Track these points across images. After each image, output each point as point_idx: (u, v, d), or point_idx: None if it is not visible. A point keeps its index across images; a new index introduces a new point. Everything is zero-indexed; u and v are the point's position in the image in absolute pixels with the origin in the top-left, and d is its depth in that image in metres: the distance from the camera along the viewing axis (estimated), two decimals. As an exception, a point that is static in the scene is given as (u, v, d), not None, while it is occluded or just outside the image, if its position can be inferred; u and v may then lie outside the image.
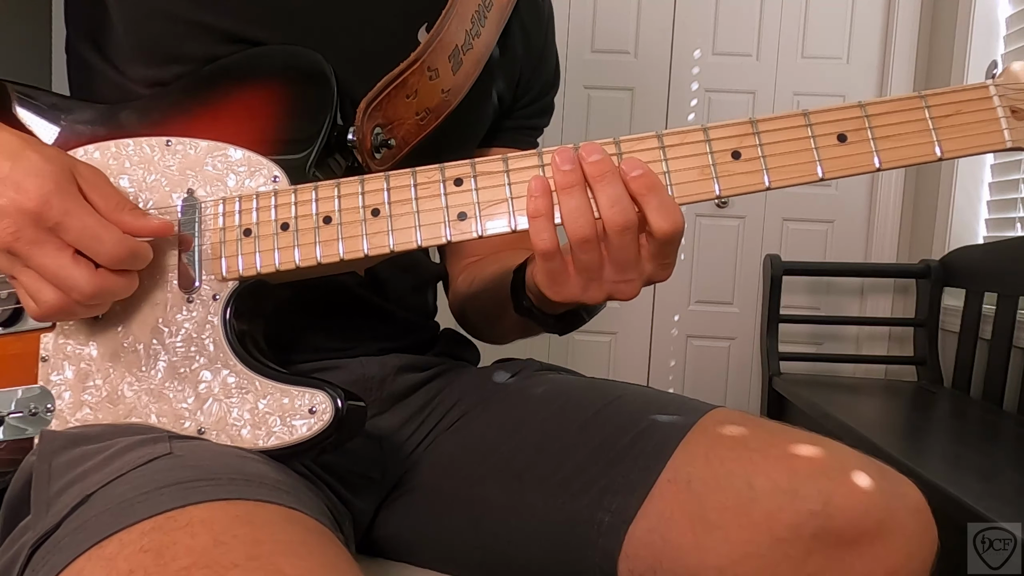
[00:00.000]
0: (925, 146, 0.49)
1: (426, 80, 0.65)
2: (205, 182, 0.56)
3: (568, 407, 0.65)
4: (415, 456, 0.69)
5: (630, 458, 0.58)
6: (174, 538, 0.39)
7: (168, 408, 0.53)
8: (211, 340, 0.53)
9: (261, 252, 0.54)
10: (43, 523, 0.44)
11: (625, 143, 0.51)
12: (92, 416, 0.53)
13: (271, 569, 0.38)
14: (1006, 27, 2.04)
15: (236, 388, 0.52)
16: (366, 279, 0.67)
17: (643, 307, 2.50)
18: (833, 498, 0.52)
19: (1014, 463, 1.34)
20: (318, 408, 0.51)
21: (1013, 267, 1.73)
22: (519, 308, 0.64)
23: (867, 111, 0.50)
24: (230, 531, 0.40)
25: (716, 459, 0.56)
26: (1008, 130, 0.49)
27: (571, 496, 0.59)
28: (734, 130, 0.51)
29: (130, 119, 0.60)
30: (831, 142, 0.50)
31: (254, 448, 0.51)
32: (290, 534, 0.42)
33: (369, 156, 0.62)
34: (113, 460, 0.47)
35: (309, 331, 0.66)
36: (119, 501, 0.42)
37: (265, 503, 0.44)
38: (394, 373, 0.70)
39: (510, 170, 0.52)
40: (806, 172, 0.50)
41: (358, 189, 0.53)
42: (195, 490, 0.43)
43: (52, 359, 0.55)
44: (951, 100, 0.49)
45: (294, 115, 0.58)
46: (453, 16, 0.67)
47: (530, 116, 0.83)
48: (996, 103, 0.49)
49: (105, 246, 0.48)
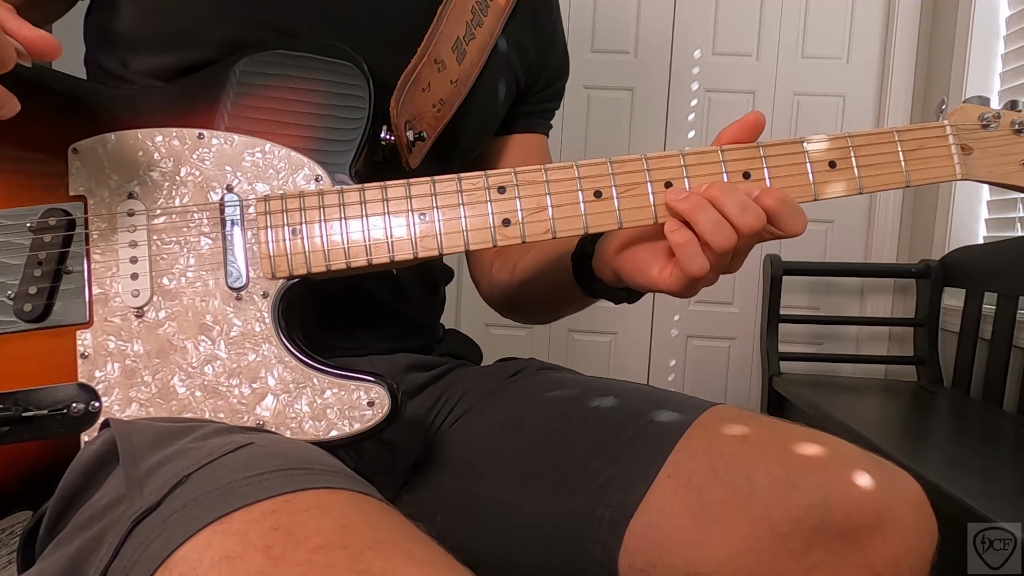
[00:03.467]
0: (897, 174, 0.59)
1: (436, 72, 0.67)
2: (244, 178, 0.56)
3: (568, 405, 0.66)
4: (421, 456, 0.70)
5: (630, 454, 0.59)
6: (300, 519, 0.40)
7: (224, 404, 0.54)
8: (263, 337, 0.55)
9: (312, 252, 0.55)
10: (141, 500, 0.43)
11: (651, 160, 0.57)
12: (143, 412, 0.54)
13: (402, 552, 0.39)
14: (1006, 27, 2.04)
15: (293, 383, 0.54)
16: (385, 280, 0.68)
17: (643, 307, 2.50)
18: (832, 492, 0.52)
19: (1014, 463, 1.34)
20: (376, 400, 0.54)
21: (1013, 267, 1.73)
22: (590, 291, 0.68)
23: (852, 142, 0.58)
24: (348, 516, 0.41)
25: (716, 454, 0.56)
26: (959, 165, 0.59)
27: (571, 492, 0.59)
28: (745, 153, 0.57)
29: (155, 107, 0.58)
30: (824, 167, 0.58)
31: (315, 440, 0.53)
32: (399, 524, 0.43)
33: (407, 150, 0.63)
34: (197, 446, 0.47)
35: (326, 329, 0.66)
36: (224, 483, 0.42)
37: (362, 494, 0.44)
38: (403, 372, 0.71)
39: (549, 180, 0.56)
40: (804, 193, 0.58)
41: (404, 193, 0.55)
42: (298, 477, 0.43)
43: (94, 356, 0.54)
44: (917, 136, 0.59)
45: (332, 112, 0.58)
46: (451, 8, 0.68)
47: (543, 100, 0.84)
48: (950, 141, 0.59)
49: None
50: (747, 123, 0.57)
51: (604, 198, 0.56)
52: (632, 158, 0.57)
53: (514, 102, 0.80)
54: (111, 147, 0.56)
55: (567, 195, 0.56)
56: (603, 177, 0.56)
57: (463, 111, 0.70)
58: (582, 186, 0.56)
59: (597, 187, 0.56)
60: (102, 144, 0.56)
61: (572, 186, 0.56)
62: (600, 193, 0.56)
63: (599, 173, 0.56)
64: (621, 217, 0.56)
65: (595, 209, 0.56)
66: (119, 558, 0.41)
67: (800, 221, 0.55)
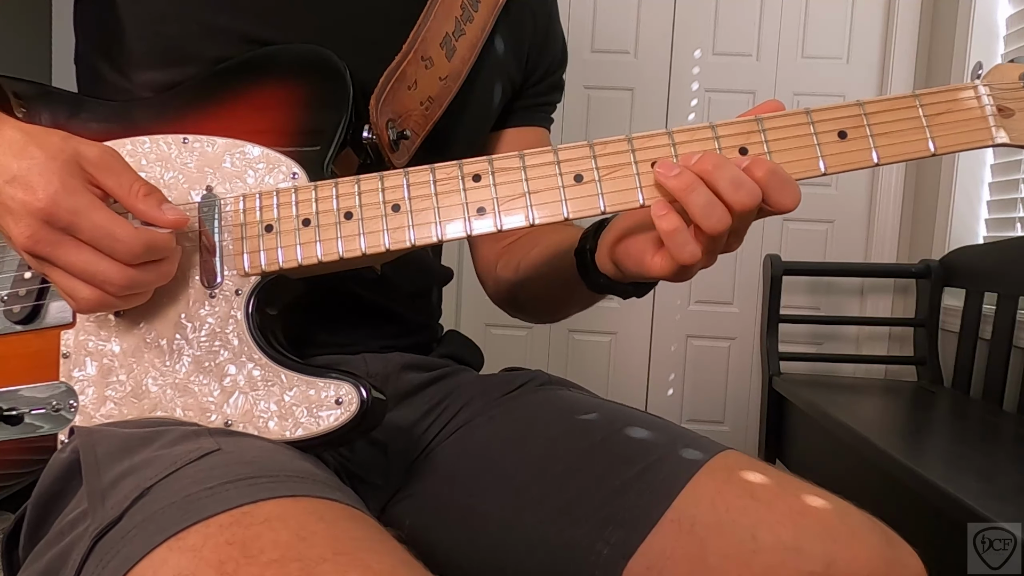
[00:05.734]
0: (919, 142, 0.52)
1: (423, 69, 0.66)
2: (224, 179, 0.56)
3: (575, 428, 0.64)
4: (418, 461, 0.69)
5: (635, 491, 0.58)
6: (256, 532, 0.39)
7: (194, 402, 0.54)
8: (235, 334, 0.54)
9: (283, 248, 0.54)
10: (102, 514, 0.43)
11: (637, 140, 0.53)
12: (117, 411, 0.54)
13: (359, 564, 0.38)
14: (1006, 27, 2.04)
15: (262, 381, 0.53)
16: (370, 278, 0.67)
17: (643, 307, 2.50)
18: (836, 561, 0.52)
19: (1014, 463, 1.34)
20: (344, 399, 0.52)
21: (1013, 267, 1.73)
22: (595, 287, 0.65)
23: (865, 109, 0.53)
24: (307, 527, 0.40)
25: (722, 504, 0.55)
26: (995, 127, 0.52)
27: (572, 522, 0.58)
28: (742, 127, 0.53)
29: (145, 116, 0.60)
30: (832, 139, 0.53)
31: (281, 439, 0.52)
32: (362, 531, 0.42)
33: (389, 150, 0.62)
34: (162, 454, 0.47)
35: (312, 326, 0.66)
36: (184, 495, 0.42)
37: (327, 500, 0.44)
38: (398, 371, 0.70)
39: (527, 166, 0.54)
40: (809, 167, 0.53)
41: (378, 185, 0.55)
42: (260, 486, 0.43)
43: (74, 355, 0.55)
44: (943, 99, 0.53)
45: (310, 112, 0.59)
46: (438, 5, 0.68)
47: (541, 94, 0.83)
48: (985, 102, 0.53)
49: (120, 244, 0.48)
50: (764, 111, 0.54)
51: (586, 182, 0.53)
52: (615, 139, 0.53)
53: (511, 98, 0.79)
54: None
55: (546, 180, 0.53)
56: (584, 160, 0.53)
57: (454, 108, 0.69)
58: (561, 170, 0.53)
59: (578, 171, 0.53)
60: None
61: (551, 171, 0.53)
62: (581, 177, 0.53)
63: (580, 156, 0.53)
64: (604, 201, 0.53)
65: (576, 194, 0.53)
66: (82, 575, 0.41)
67: (790, 195, 0.50)
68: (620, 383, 2.51)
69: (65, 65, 2.59)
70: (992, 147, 0.53)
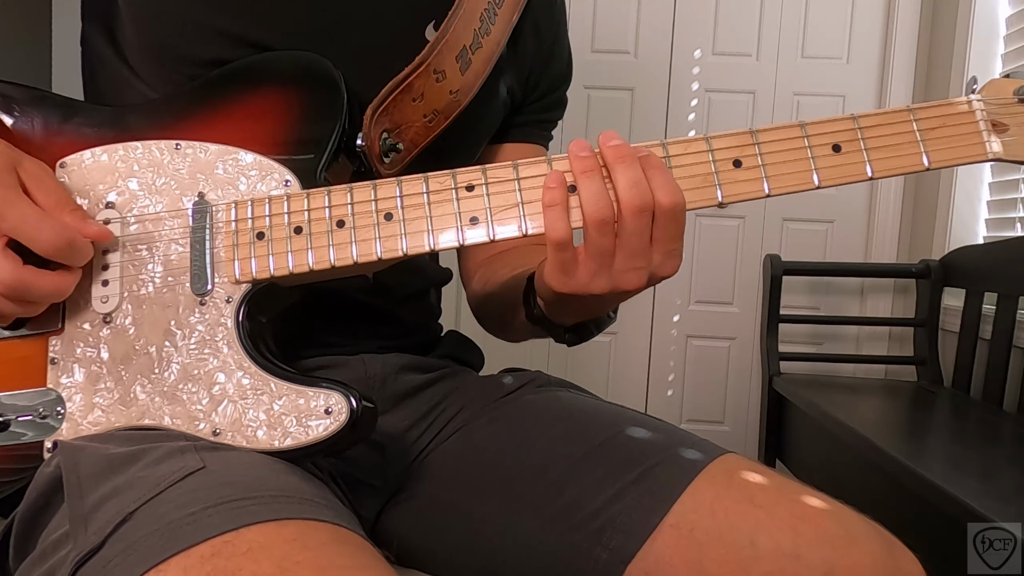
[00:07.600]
0: (913, 156, 0.53)
1: (432, 83, 0.65)
2: (216, 185, 0.56)
3: (574, 431, 0.64)
4: (416, 463, 0.69)
5: (634, 496, 0.57)
6: (238, 564, 0.39)
7: (182, 410, 0.53)
8: (224, 342, 0.54)
9: (275, 255, 0.54)
10: (84, 540, 0.43)
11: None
12: (104, 418, 0.53)
13: None
14: (1006, 27, 2.04)
15: (251, 389, 0.53)
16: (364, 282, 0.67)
17: (643, 307, 2.50)
18: (836, 568, 0.52)
19: (1014, 463, 1.34)
20: (334, 408, 0.52)
21: (1013, 267, 1.73)
22: (530, 316, 0.64)
23: (860, 123, 0.53)
24: (291, 557, 0.40)
25: (721, 510, 0.55)
26: (989, 143, 0.53)
27: (570, 527, 0.58)
28: (735, 140, 0.53)
29: (138, 122, 0.60)
30: (827, 152, 0.53)
31: (270, 449, 0.52)
32: (348, 557, 0.42)
33: (378, 161, 0.62)
34: (146, 475, 0.47)
35: (311, 327, 0.66)
36: (166, 522, 0.42)
37: (313, 521, 0.44)
38: (396, 372, 0.70)
39: (520, 178, 0.54)
40: (803, 180, 0.53)
41: (371, 195, 0.54)
42: (243, 510, 0.42)
43: (62, 362, 0.54)
44: (937, 113, 0.53)
45: (304, 120, 0.58)
46: (460, 15, 0.66)
47: (541, 111, 0.82)
48: (978, 117, 0.53)
49: (43, 234, 0.49)
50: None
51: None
52: None
53: (510, 112, 0.78)
54: (95, 160, 0.57)
55: (539, 191, 0.53)
56: None
57: (458, 122, 0.68)
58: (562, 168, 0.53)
59: (572, 182, 0.53)
60: (87, 158, 0.57)
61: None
62: (575, 188, 0.53)
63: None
64: None
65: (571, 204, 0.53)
66: None
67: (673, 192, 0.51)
68: (620, 383, 2.51)
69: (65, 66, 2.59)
70: (986, 162, 0.54)
